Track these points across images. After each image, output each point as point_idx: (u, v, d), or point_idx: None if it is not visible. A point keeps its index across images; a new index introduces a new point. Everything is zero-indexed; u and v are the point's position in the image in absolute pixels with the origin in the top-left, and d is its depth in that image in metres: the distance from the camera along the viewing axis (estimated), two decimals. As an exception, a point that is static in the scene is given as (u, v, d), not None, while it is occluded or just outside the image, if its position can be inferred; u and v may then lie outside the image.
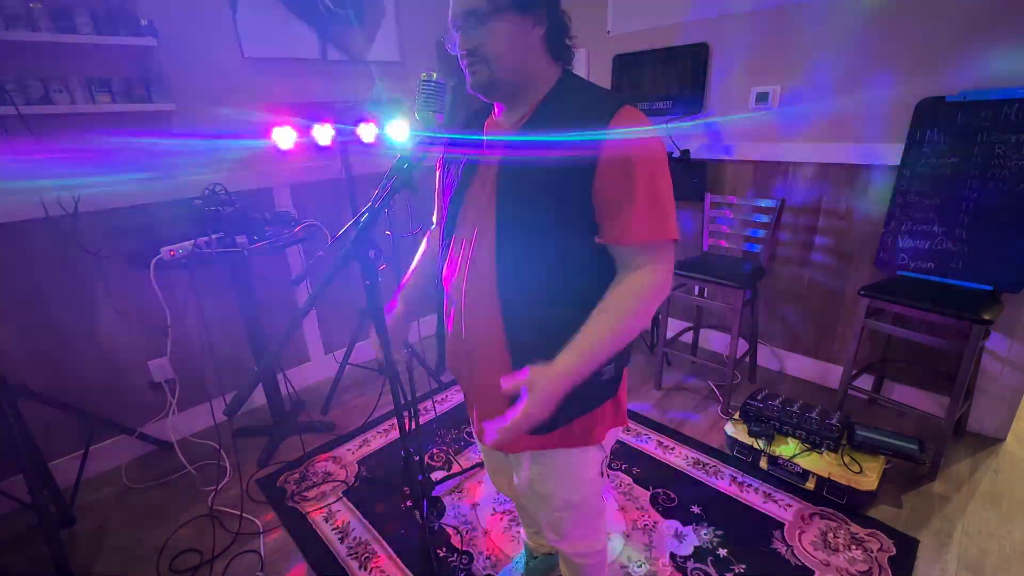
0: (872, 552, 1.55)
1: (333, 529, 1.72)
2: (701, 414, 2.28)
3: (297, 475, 1.98)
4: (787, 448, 1.83)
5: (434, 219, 1.17)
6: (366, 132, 2.26)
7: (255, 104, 2.21)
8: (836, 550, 1.56)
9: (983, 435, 2.08)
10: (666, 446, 2.06)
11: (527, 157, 0.83)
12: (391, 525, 1.72)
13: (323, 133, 2.14)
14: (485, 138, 0.93)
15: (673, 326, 2.92)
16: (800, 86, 2.19)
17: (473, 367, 0.99)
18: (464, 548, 1.63)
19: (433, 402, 2.44)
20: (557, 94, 0.86)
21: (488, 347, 0.93)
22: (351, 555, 1.61)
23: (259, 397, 2.41)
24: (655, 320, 2.84)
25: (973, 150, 1.82)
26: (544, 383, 0.76)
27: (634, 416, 2.27)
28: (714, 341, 2.84)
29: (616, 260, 0.84)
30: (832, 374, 2.42)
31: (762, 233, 2.35)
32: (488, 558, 1.59)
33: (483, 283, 0.89)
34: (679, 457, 2.00)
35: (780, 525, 1.66)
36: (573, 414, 0.94)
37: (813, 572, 1.49)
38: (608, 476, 1.10)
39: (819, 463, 1.75)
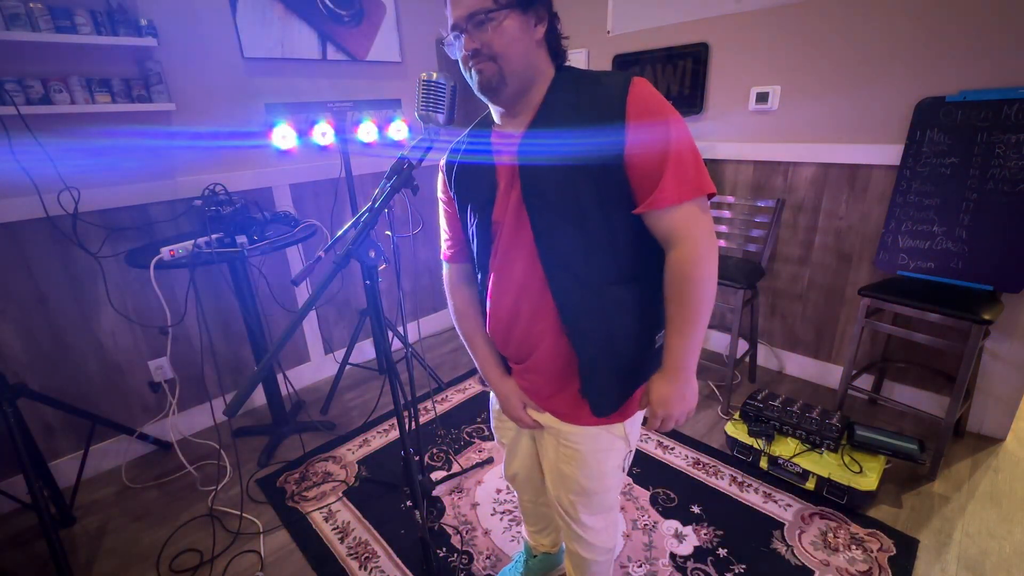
0: (872, 552, 1.55)
1: (333, 529, 1.72)
2: (701, 414, 2.28)
3: (297, 475, 1.98)
4: (787, 448, 1.83)
5: (445, 250, 1.10)
6: (366, 132, 2.26)
7: (255, 104, 2.21)
8: (836, 550, 1.56)
9: (983, 435, 2.08)
10: (666, 446, 2.06)
11: (547, 155, 0.83)
12: (391, 525, 1.72)
13: (323, 133, 2.14)
14: (497, 146, 0.93)
15: (673, 326, 2.91)
16: (800, 86, 2.20)
17: (531, 358, 1.00)
18: (464, 548, 1.63)
19: (433, 402, 2.44)
20: (559, 87, 0.87)
21: (546, 339, 0.95)
22: (351, 555, 1.61)
23: (259, 397, 2.42)
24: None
25: (973, 150, 1.82)
26: (677, 394, 0.89)
27: (634, 416, 2.27)
28: (714, 341, 2.84)
29: (655, 232, 0.85)
30: (832, 374, 2.42)
31: (762, 233, 2.35)
32: (488, 558, 1.59)
33: (530, 282, 0.92)
34: (679, 457, 2.00)
35: (780, 525, 1.66)
36: (634, 388, 0.99)
37: (813, 572, 1.49)
38: (627, 472, 1.14)
39: (819, 463, 1.75)
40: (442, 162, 1.02)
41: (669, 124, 0.81)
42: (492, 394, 1.20)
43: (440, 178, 1.03)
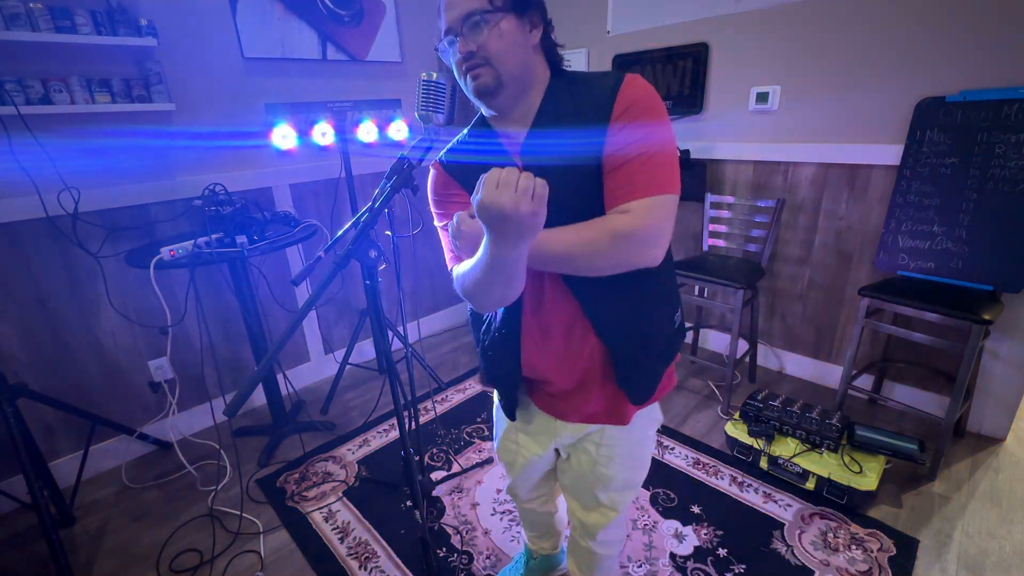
0: (872, 552, 1.55)
1: (333, 529, 1.72)
2: (701, 414, 2.28)
3: (297, 475, 1.98)
4: (787, 448, 1.83)
5: (453, 259, 0.97)
6: (366, 132, 2.26)
7: (255, 104, 2.21)
8: (836, 550, 1.56)
9: (983, 435, 2.08)
10: (666, 446, 2.06)
11: (550, 155, 0.83)
12: (391, 525, 1.72)
13: (323, 133, 2.14)
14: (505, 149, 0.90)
15: (673, 326, 2.92)
16: (800, 86, 2.20)
17: (569, 362, 0.96)
18: (464, 548, 1.63)
19: (433, 402, 2.44)
20: (557, 89, 0.86)
21: (577, 338, 0.92)
22: (351, 555, 1.61)
23: (259, 397, 2.42)
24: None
25: (973, 150, 1.82)
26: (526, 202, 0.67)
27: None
28: (714, 341, 2.84)
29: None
30: (832, 374, 2.42)
31: (762, 233, 2.35)
32: (488, 558, 1.59)
33: (553, 283, 0.90)
34: (679, 457, 2.00)
35: (780, 525, 1.66)
36: (663, 371, 0.98)
37: (813, 572, 1.49)
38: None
39: (819, 463, 1.75)
40: (437, 160, 0.95)
41: (653, 124, 0.79)
42: (499, 416, 1.18)
43: (434, 178, 0.95)
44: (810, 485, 1.75)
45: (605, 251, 0.77)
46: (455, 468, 1.98)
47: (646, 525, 1.68)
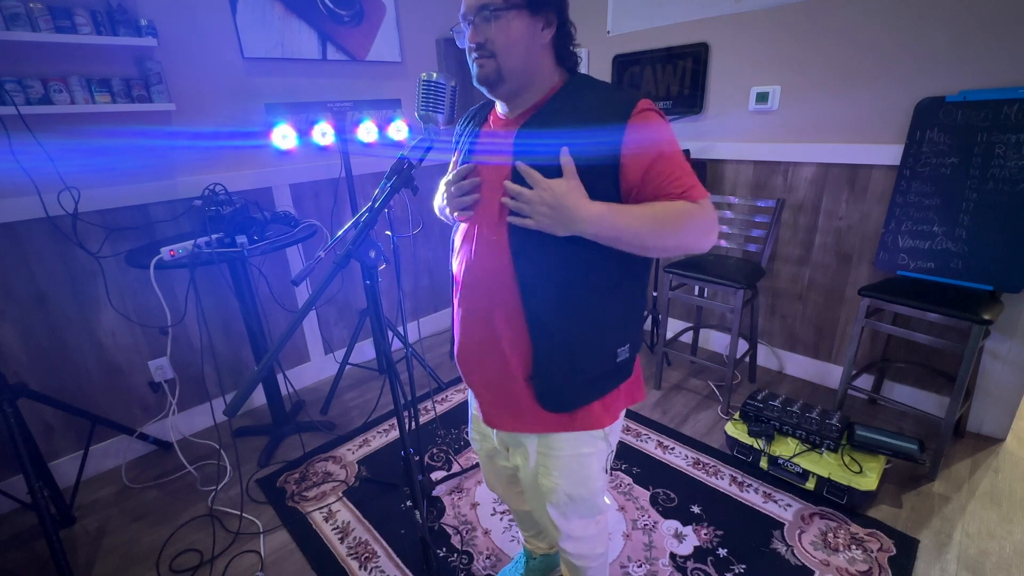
0: (872, 552, 1.55)
1: (333, 529, 1.72)
2: (701, 414, 2.28)
3: (297, 475, 1.98)
4: (787, 448, 1.83)
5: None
6: (366, 132, 2.26)
7: (255, 104, 2.21)
8: (836, 550, 1.56)
9: (983, 435, 2.08)
10: (666, 446, 2.06)
11: (538, 154, 0.84)
12: (391, 525, 1.72)
13: (323, 133, 2.13)
14: (489, 136, 0.94)
15: (673, 326, 2.92)
16: (800, 86, 2.20)
17: (485, 358, 0.98)
18: (464, 548, 1.63)
19: (433, 402, 2.44)
20: (565, 93, 0.88)
21: (507, 338, 0.93)
22: (351, 555, 1.61)
23: (259, 397, 2.42)
24: (655, 320, 2.83)
25: (973, 150, 1.82)
26: (578, 195, 0.80)
27: (634, 416, 2.27)
28: (714, 341, 2.84)
29: None
30: (832, 374, 2.42)
31: (762, 233, 2.34)
32: (488, 558, 1.59)
33: (500, 276, 0.91)
34: (679, 457, 2.00)
35: (780, 525, 1.66)
36: (591, 397, 0.96)
37: (813, 572, 1.49)
38: (610, 473, 1.10)
39: (819, 463, 1.75)
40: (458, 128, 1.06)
41: (664, 146, 0.82)
42: (470, 405, 1.20)
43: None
44: (810, 485, 1.75)
45: (676, 230, 0.81)
46: (455, 468, 1.98)
47: (646, 525, 1.68)
